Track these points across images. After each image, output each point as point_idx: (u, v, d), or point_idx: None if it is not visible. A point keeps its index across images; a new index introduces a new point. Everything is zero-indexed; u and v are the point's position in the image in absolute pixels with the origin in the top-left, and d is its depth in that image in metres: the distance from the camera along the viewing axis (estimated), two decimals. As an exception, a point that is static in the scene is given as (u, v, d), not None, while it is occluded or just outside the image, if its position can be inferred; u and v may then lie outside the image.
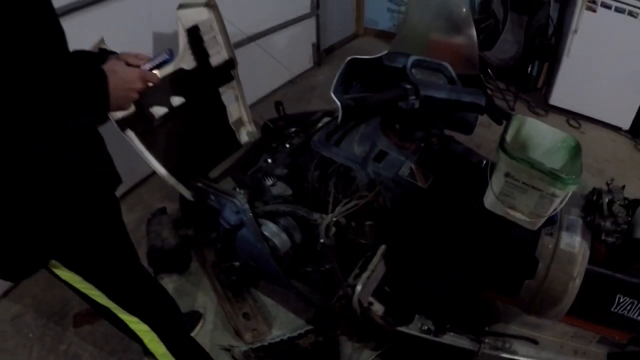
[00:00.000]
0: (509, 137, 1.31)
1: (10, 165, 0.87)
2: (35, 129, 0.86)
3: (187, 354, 1.43)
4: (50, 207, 0.95)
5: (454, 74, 1.46)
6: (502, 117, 1.38)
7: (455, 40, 1.55)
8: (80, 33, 1.12)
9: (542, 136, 1.41)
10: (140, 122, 1.66)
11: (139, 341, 1.29)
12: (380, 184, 1.48)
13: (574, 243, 1.30)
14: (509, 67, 3.19)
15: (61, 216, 0.98)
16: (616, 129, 3.04)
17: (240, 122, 2.17)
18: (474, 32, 1.55)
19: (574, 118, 3.14)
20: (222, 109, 2.05)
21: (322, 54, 4.09)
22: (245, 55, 1.93)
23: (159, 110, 1.74)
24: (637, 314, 1.26)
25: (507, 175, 1.28)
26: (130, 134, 1.66)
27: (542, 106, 3.26)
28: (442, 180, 1.47)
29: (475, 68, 1.53)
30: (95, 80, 0.89)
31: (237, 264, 1.82)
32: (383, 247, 1.54)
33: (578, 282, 1.27)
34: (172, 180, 1.85)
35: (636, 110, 2.89)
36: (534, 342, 1.47)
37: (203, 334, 1.82)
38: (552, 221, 1.34)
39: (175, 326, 1.42)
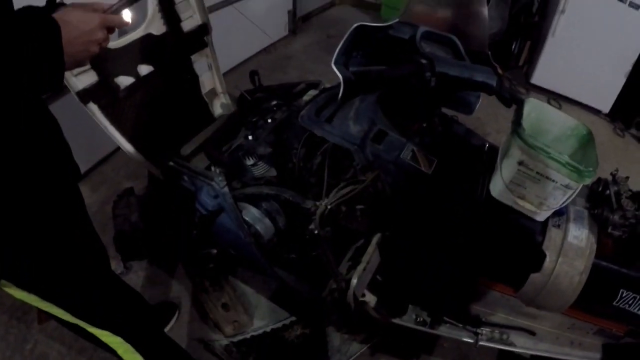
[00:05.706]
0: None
1: None
2: None
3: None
4: None
5: (462, 49, 1.34)
6: (513, 100, 1.28)
7: (463, 13, 1.42)
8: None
9: (552, 122, 1.33)
10: (103, 94, 1.49)
11: (113, 352, 1.13)
12: (380, 168, 1.35)
13: (582, 236, 1.24)
14: (492, 42, 3.10)
15: (4, 221, 0.79)
16: (596, 111, 3.05)
17: (213, 93, 2.01)
18: (485, 6, 1.42)
19: (554, 98, 3.11)
20: (195, 78, 1.89)
21: (298, 21, 3.85)
22: (217, 21, 1.75)
23: (124, 80, 1.58)
24: (637, 308, 1.23)
25: (520, 163, 1.19)
26: (93, 107, 1.49)
27: (523, 84, 3.23)
28: (446, 166, 1.36)
29: (483, 45, 1.41)
30: (45, 32, 0.70)
31: (214, 251, 1.67)
32: (378, 235, 1.44)
33: (584, 276, 1.21)
34: (140, 158, 1.69)
35: (617, 94, 2.90)
36: (532, 333, 1.44)
37: (179, 327, 1.67)
38: (559, 212, 1.27)
39: (150, 333, 1.26)
